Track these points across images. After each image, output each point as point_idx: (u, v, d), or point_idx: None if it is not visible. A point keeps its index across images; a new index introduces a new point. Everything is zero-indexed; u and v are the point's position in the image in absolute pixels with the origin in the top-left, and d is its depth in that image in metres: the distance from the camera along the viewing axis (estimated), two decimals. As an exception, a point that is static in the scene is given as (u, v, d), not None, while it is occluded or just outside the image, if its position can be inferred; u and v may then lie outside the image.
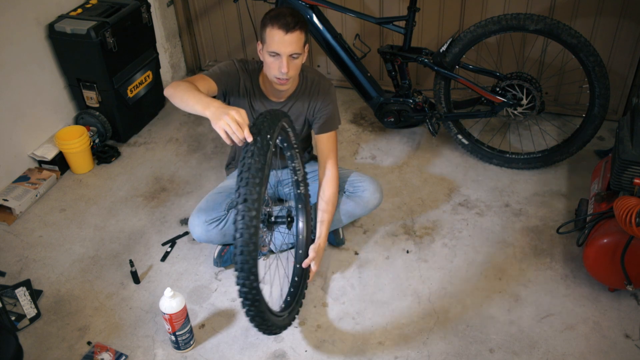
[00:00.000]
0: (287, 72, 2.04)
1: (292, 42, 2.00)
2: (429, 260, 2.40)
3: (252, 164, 1.72)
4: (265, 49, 2.05)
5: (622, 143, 2.16)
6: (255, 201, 1.69)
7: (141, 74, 3.18)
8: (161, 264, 2.45)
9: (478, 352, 2.03)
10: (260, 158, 1.72)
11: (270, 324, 1.89)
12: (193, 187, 2.86)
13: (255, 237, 1.70)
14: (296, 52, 2.03)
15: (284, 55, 2.02)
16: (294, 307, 2.14)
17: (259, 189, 1.70)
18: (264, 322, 1.86)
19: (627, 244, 2.02)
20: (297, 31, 2.00)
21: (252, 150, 1.73)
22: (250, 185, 1.70)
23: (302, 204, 2.27)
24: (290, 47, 2.01)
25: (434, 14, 3.11)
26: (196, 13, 3.62)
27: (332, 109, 2.27)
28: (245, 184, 1.70)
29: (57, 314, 2.25)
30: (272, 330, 1.94)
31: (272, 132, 1.79)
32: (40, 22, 2.86)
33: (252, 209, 1.68)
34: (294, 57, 2.04)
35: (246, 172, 1.72)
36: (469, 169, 2.88)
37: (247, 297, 1.76)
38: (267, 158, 1.74)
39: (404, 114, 2.84)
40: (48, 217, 2.72)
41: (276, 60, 2.04)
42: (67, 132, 2.93)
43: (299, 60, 2.07)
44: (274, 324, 1.93)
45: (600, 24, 2.88)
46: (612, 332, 2.08)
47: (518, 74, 2.64)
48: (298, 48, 2.02)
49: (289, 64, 2.04)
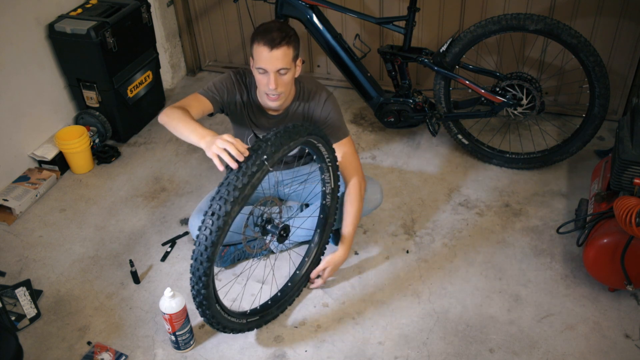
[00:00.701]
0: (275, 89, 2.03)
1: (279, 58, 1.99)
2: (429, 260, 2.40)
3: (233, 181, 1.73)
4: (254, 65, 2.05)
5: (622, 143, 2.16)
6: (224, 216, 1.71)
7: (141, 74, 3.18)
8: (161, 264, 2.45)
9: (478, 352, 2.03)
10: (243, 177, 1.72)
11: (224, 324, 1.98)
12: (193, 187, 2.86)
13: (212, 249, 1.74)
14: (283, 68, 2.01)
15: (270, 71, 2.01)
16: (268, 313, 2.15)
17: (231, 207, 1.71)
18: (214, 320, 1.93)
19: (627, 244, 2.02)
20: (283, 47, 1.98)
21: (240, 168, 1.74)
22: (222, 201, 1.72)
23: (323, 215, 2.27)
24: (276, 63, 1.99)
25: (434, 14, 3.11)
26: (196, 13, 3.62)
27: (333, 119, 2.23)
28: (219, 198, 1.72)
29: (57, 314, 2.25)
30: (226, 329, 2.01)
31: (272, 152, 1.77)
32: (40, 22, 2.86)
33: (216, 223, 1.72)
34: (281, 73, 2.03)
35: (224, 187, 1.73)
36: (469, 169, 2.88)
37: (195, 299, 1.86)
38: (254, 179, 1.74)
39: (404, 114, 2.84)
40: (48, 217, 2.72)
41: (264, 76, 2.04)
42: (67, 132, 2.93)
43: (288, 75, 2.05)
44: (228, 326, 2.00)
45: (600, 24, 2.88)
46: (612, 332, 2.08)
47: (518, 74, 2.64)
48: (285, 64, 2.01)
49: (277, 80, 2.02)
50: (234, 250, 2.39)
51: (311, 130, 1.94)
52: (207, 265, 1.77)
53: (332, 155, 2.14)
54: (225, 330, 2.01)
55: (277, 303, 2.18)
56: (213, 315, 1.91)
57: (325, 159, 2.13)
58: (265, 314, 2.15)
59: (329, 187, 2.22)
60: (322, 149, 2.07)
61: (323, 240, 2.31)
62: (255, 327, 2.13)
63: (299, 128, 1.89)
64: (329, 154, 2.12)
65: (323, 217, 2.28)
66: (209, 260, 1.76)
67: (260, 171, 1.75)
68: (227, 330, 2.01)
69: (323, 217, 2.28)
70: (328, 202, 2.25)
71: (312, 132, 1.94)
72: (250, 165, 1.74)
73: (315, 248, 2.29)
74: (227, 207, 1.71)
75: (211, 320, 1.93)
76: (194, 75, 3.81)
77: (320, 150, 2.08)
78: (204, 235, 1.74)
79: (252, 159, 1.75)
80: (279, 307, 2.19)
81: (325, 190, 2.23)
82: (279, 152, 1.80)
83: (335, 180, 2.22)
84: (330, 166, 2.16)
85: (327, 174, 2.18)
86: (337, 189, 2.25)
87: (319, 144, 2.03)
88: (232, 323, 2.01)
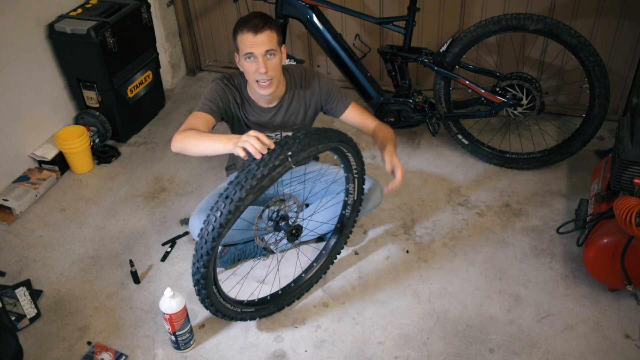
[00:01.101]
0: (266, 72, 2.04)
1: (264, 41, 2.01)
2: (429, 260, 2.40)
3: (253, 169, 1.73)
4: (240, 54, 2.07)
5: (622, 143, 2.16)
6: (237, 201, 1.72)
7: (141, 74, 3.18)
8: (161, 264, 2.45)
9: (478, 352, 2.04)
10: (264, 168, 1.73)
11: (217, 307, 1.99)
12: (193, 187, 2.86)
13: (219, 230, 1.76)
14: (270, 49, 2.03)
15: (258, 55, 2.02)
16: (264, 308, 2.15)
17: (245, 194, 1.72)
18: (208, 300, 1.95)
19: (627, 244, 2.02)
20: (266, 30, 2.01)
21: (263, 159, 1.74)
22: (238, 186, 1.72)
23: (340, 224, 2.28)
24: (262, 46, 2.01)
25: (434, 14, 3.11)
26: (196, 13, 3.63)
27: (332, 88, 2.27)
28: (236, 183, 1.73)
29: (57, 314, 2.25)
30: (218, 312, 2.02)
31: (298, 150, 1.77)
32: (40, 22, 2.86)
33: (228, 206, 1.73)
34: (269, 56, 2.04)
35: (243, 174, 1.74)
36: (469, 169, 2.88)
37: (194, 276, 1.88)
38: (274, 172, 1.74)
39: (404, 114, 2.84)
40: (48, 217, 2.72)
41: (253, 63, 2.05)
42: (67, 132, 2.93)
43: (275, 59, 2.06)
44: (221, 310, 2.01)
45: (600, 24, 2.88)
46: (612, 332, 2.08)
47: (518, 74, 2.63)
48: (272, 45, 2.03)
49: (266, 64, 2.04)
50: (234, 250, 2.39)
51: (343, 138, 1.94)
52: (210, 245, 1.78)
53: (360, 167, 2.13)
54: (217, 314, 2.02)
55: (275, 300, 2.18)
56: (208, 295, 1.93)
57: (353, 169, 2.13)
58: (261, 308, 2.15)
59: (352, 199, 2.23)
60: (352, 159, 2.07)
61: (335, 250, 2.30)
62: (248, 318, 2.13)
63: (331, 133, 1.89)
64: (357, 165, 2.12)
65: (340, 226, 2.28)
66: (214, 240, 1.77)
67: (282, 166, 1.75)
68: (219, 314, 2.02)
69: (340, 226, 2.28)
70: (348, 213, 2.26)
71: (343, 140, 1.94)
72: (273, 159, 1.74)
73: (326, 256, 2.29)
74: (242, 194, 1.72)
75: (205, 301, 1.95)
76: (194, 75, 3.81)
77: (349, 160, 2.08)
78: (214, 216, 1.75)
79: (276, 153, 1.75)
80: (276, 305, 2.19)
81: (347, 201, 2.24)
82: (305, 151, 1.79)
83: (359, 194, 2.22)
84: (356, 178, 2.16)
85: (352, 185, 2.19)
86: (358, 202, 2.25)
87: (349, 153, 2.03)
88: (226, 309, 2.03)
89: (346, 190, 2.22)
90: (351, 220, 2.30)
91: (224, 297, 2.01)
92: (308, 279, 2.26)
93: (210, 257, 1.82)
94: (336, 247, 2.31)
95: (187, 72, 3.82)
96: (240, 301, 2.10)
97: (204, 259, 1.82)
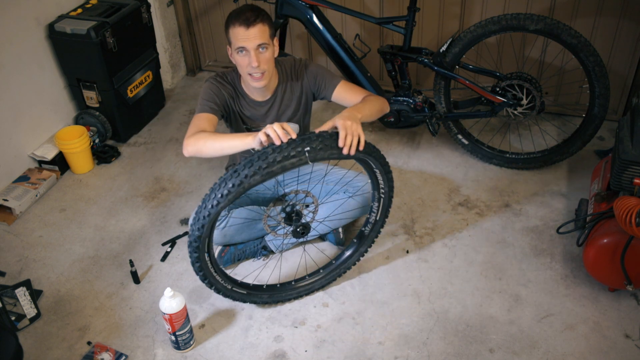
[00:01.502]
0: (258, 66, 2.04)
1: (256, 35, 2.01)
2: (429, 260, 2.40)
3: (268, 153, 1.74)
4: (232, 48, 2.07)
5: (622, 143, 2.16)
6: (244, 177, 1.74)
7: (141, 74, 3.18)
8: (161, 264, 2.45)
9: (478, 352, 2.04)
10: (278, 154, 1.73)
11: (206, 274, 2.00)
12: (193, 187, 2.86)
13: (221, 200, 1.78)
14: (262, 43, 2.03)
15: (250, 49, 2.02)
16: (256, 295, 2.16)
17: (253, 172, 1.73)
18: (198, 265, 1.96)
19: (627, 244, 2.02)
20: (259, 24, 2.01)
21: (281, 146, 1.75)
22: (249, 164, 1.75)
23: (357, 240, 2.27)
24: (254, 40, 2.01)
25: (434, 14, 3.11)
26: (196, 13, 3.62)
27: (320, 71, 2.25)
28: (249, 161, 1.75)
29: (57, 314, 2.25)
30: (206, 280, 2.03)
31: (317, 148, 1.76)
32: (40, 22, 2.86)
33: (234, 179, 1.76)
34: (261, 50, 2.04)
35: (257, 155, 1.76)
36: (469, 169, 2.88)
37: (189, 238, 1.91)
38: (287, 161, 1.74)
39: (404, 114, 2.84)
40: (48, 217, 2.72)
41: (245, 56, 2.05)
42: (67, 132, 2.93)
43: (268, 52, 2.06)
44: (210, 279, 2.03)
45: (600, 24, 2.88)
46: (612, 332, 2.08)
47: (518, 74, 2.63)
48: (264, 39, 2.03)
49: (258, 57, 2.04)
50: (234, 250, 2.39)
51: (371, 151, 1.92)
52: (211, 211, 1.80)
53: (388, 188, 2.11)
54: (205, 282, 2.03)
55: (270, 291, 2.18)
56: (199, 260, 1.94)
57: (380, 188, 2.11)
58: (254, 294, 2.15)
59: (374, 217, 2.22)
60: (379, 177, 2.06)
61: (346, 263, 2.29)
62: (237, 298, 2.14)
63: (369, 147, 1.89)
64: (385, 185, 2.10)
65: (357, 242, 2.28)
66: (213, 207, 1.79)
67: (297, 158, 1.75)
68: (208, 283, 2.03)
69: (357, 242, 2.28)
70: (367, 230, 2.25)
71: (370, 154, 1.92)
72: (291, 149, 1.74)
73: (335, 267, 2.28)
74: (249, 171, 1.74)
75: (196, 265, 1.96)
76: (194, 75, 3.81)
77: (377, 178, 2.07)
78: (219, 185, 1.79)
79: (295, 144, 1.75)
80: (270, 296, 2.19)
81: (369, 219, 2.23)
82: (324, 151, 1.78)
83: (382, 215, 2.21)
84: (382, 198, 2.15)
85: (377, 204, 2.18)
86: (380, 223, 2.24)
87: (377, 170, 2.02)
88: (216, 280, 2.04)
89: (370, 208, 2.21)
90: (370, 239, 2.28)
91: (216, 268, 2.02)
92: (310, 283, 2.25)
93: (207, 222, 1.83)
94: (347, 261, 2.29)
95: (187, 72, 3.82)
96: (234, 279, 2.11)
97: (202, 222, 1.84)
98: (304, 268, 2.36)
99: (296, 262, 2.40)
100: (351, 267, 2.31)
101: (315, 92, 2.28)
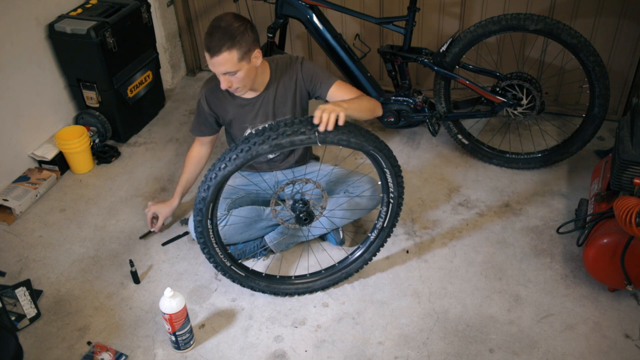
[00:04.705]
0: (230, 86, 2.06)
1: (221, 63, 1.98)
2: (429, 260, 2.40)
3: (280, 125, 1.79)
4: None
5: (622, 143, 2.16)
6: (254, 145, 1.79)
7: (141, 74, 3.18)
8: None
9: (478, 352, 2.04)
10: (288, 128, 1.77)
11: (205, 242, 2.03)
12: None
13: (230, 166, 1.83)
14: (227, 72, 2.01)
15: (218, 73, 2.03)
16: (253, 280, 2.18)
17: (262, 142, 1.77)
18: (200, 230, 1.99)
19: (627, 244, 2.02)
20: (223, 53, 1.95)
21: (294, 122, 1.79)
22: (259, 134, 1.79)
23: (364, 246, 2.27)
24: (219, 68, 2.01)
25: (434, 14, 3.11)
26: (196, 13, 3.62)
27: (315, 70, 2.22)
28: (262, 131, 1.80)
29: (57, 314, 2.25)
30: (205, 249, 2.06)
31: (328, 131, 1.79)
32: (40, 22, 2.86)
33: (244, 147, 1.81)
34: (229, 75, 2.03)
35: (269, 126, 1.80)
36: (469, 169, 2.88)
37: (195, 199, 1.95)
38: (296, 137, 1.77)
39: (404, 114, 2.84)
40: (48, 217, 2.72)
41: (218, 75, 2.06)
42: (67, 132, 2.94)
43: (239, 74, 2.03)
44: (208, 250, 2.05)
45: (600, 24, 2.88)
46: (612, 332, 2.08)
47: (518, 74, 2.64)
48: (228, 68, 1.99)
49: (227, 81, 2.05)
50: (234, 250, 2.39)
51: (380, 146, 1.92)
52: (218, 173, 1.84)
53: (397, 193, 2.10)
54: (204, 251, 2.05)
55: (268, 280, 2.18)
56: (201, 223, 1.96)
57: (390, 193, 2.10)
58: (251, 278, 2.16)
59: (380, 223, 2.20)
60: (389, 179, 2.05)
61: (350, 269, 2.28)
62: (231, 277, 2.16)
63: (370, 136, 1.90)
64: (395, 190, 2.09)
65: (362, 248, 2.27)
66: (220, 170, 1.84)
67: (306, 135, 1.77)
68: (206, 252, 2.06)
69: (362, 248, 2.27)
70: (373, 236, 2.24)
71: (380, 149, 1.92)
72: (302, 126, 1.78)
73: (338, 270, 2.27)
74: (258, 139, 1.77)
75: (197, 230, 1.99)
76: (194, 75, 3.81)
77: (386, 179, 2.06)
78: (230, 149, 1.84)
79: (307, 122, 1.79)
80: (267, 286, 2.19)
81: (376, 225, 2.22)
82: (335, 136, 1.80)
83: (390, 221, 2.19)
84: (391, 203, 2.13)
85: (385, 209, 2.16)
86: (388, 229, 2.22)
87: (387, 170, 2.01)
88: (215, 252, 2.06)
89: (378, 212, 2.20)
90: (375, 246, 2.26)
91: (217, 240, 2.04)
92: (309, 282, 2.25)
93: (212, 185, 1.86)
94: (350, 266, 2.28)
95: (187, 72, 3.82)
96: (233, 257, 2.13)
97: (206, 184, 1.88)
98: (304, 268, 2.35)
99: (297, 262, 2.40)
100: (353, 273, 2.30)
101: (310, 90, 2.26)
